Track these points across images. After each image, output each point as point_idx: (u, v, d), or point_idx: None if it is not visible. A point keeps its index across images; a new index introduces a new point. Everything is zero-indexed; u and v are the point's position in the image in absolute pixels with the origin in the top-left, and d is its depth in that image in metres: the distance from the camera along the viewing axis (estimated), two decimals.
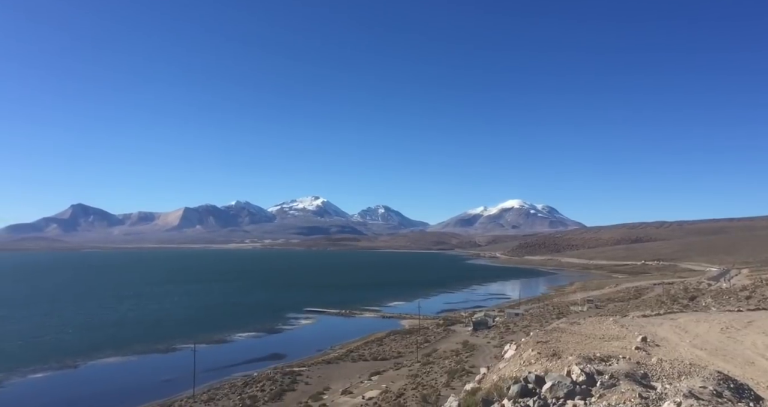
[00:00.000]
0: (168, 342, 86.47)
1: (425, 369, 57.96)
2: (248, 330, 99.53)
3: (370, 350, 78.73)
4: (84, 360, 73.61)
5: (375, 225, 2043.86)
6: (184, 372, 61.67)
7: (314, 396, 50.56)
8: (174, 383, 60.97)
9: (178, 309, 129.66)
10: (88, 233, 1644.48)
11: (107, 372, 69.35)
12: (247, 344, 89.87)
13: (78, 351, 78.07)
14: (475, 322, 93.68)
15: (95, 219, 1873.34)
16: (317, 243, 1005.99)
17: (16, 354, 75.73)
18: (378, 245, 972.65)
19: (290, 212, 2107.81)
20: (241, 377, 63.07)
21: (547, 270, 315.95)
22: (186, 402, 51.69)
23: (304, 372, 62.73)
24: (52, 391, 60.07)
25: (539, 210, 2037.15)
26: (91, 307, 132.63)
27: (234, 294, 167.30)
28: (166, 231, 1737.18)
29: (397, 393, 46.83)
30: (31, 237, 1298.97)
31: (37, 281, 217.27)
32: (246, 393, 53.92)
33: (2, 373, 64.96)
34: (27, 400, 56.25)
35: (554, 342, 22.51)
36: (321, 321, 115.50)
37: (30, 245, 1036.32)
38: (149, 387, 60.70)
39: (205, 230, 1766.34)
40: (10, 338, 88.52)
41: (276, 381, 57.75)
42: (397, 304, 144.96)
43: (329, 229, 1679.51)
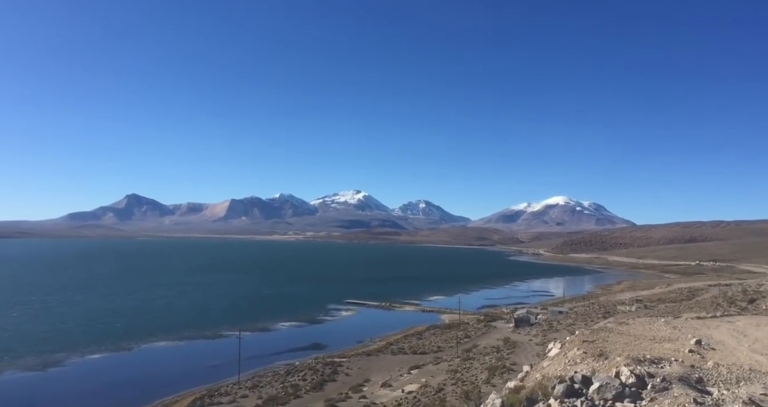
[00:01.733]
0: (214, 329, 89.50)
1: (465, 364, 57.54)
2: (290, 320, 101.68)
3: (410, 343, 78.89)
4: (137, 343, 77.21)
5: (415, 220, 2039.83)
6: (230, 359, 63.82)
7: (354, 388, 51.14)
8: (220, 368, 63.07)
9: (223, 298, 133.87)
10: (141, 222, 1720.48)
11: (158, 355, 72.55)
12: (289, 333, 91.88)
13: (131, 335, 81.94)
14: (516, 319, 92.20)
15: (148, 209, 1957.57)
16: (358, 237, 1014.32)
17: (75, 336, 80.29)
18: (418, 239, 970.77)
19: (332, 206, 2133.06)
20: (284, 365, 64.56)
21: (593, 269, 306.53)
22: (231, 387, 53.39)
23: (345, 363, 63.56)
24: (109, 371, 63.42)
25: (585, 207, 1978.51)
26: (142, 293, 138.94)
27: (277, 285, 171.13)
28: (213, 222, 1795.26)
29: (437, 388, 46.73)
30: (90, 225, 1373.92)
31: (94, 268, 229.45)
32: (288, 381, 55.17)
33: (64, 353, 69.06)
34: (87, 379, 59.61)
35: (601, 342, 21.83)
36: (361, 313, 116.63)
37: (88, 232, 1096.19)
38: (197, 371, 63.03)
39: (250, 221, 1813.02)
40: (70, 320, 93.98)
41: (317, 371, 58.81)
42: (437, 298, 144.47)
43: (370, 223, 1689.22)
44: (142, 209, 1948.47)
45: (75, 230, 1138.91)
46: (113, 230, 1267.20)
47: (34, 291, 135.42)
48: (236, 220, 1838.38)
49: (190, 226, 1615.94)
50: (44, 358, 66.17)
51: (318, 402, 46.66)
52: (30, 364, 63.56)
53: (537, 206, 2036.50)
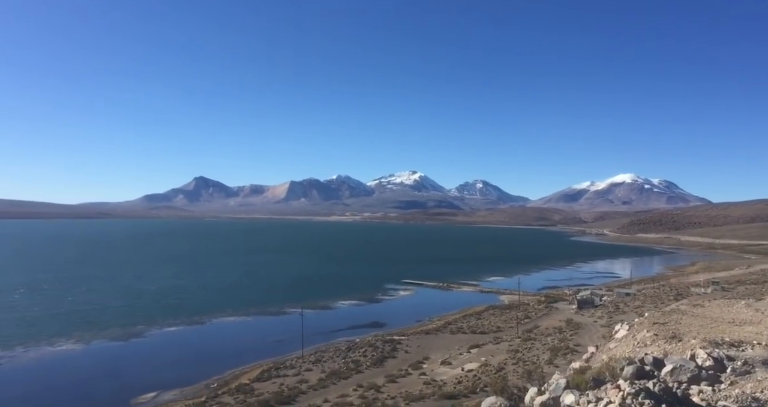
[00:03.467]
0: (278, 306, 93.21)
1: (526, 344, 56.86)
2: (350, 299, 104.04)
3: (468, 323, 78.76)
4: (209, 318, 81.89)
5: (472, 200, 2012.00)
6: (293, 334, 66.26)
7: (414, 365, 51.91)
8: (284, 343, 65.75)
9: (285, 277, 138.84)
10: (208, 204, 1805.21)
11: (228, 329, 76.67)
12: (349, 311, 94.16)
13: (203, 310, 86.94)
14: (580, 300, 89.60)
15: (214, 191, 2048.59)
16: (414, 217, 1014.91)
17: (153, 310, 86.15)
18: (475, 220, 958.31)
19: (388, 187, 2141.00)
20: (345, 342, 66.39)
21: (664, 249, 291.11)
22: (296, 361, 55.67)
23: (404, 341, 64.51)
24: (184, 343, 67.88)
25: (655, 185, 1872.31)
26: (211, 271, 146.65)
27: (335, 265, 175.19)
28: (274, 203, 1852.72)
29: (498, 367, 46.59)
30: (163, 206, 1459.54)
31: (166, 247, 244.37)
32: (349, 357, 56.80)
33: (143, 325, 74.52)
34: (165, 349, 64.17)
35: (673, 324, 20.84)
36: (419, 293, 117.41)
37: (161, 213, 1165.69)
38: (263, 345, 66.07)
39: (309, 202, 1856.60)
40: (147, 296, 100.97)
41: (377, 348, 60.11)
42: (496, 279, 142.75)
43: (426, 203, 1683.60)
44: (209, 191, 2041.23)
45: (150, 211, 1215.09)
46: (183, 211, 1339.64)
47: (113, 269, 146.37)
48: (296, 201, 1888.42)
49: (253, 207, 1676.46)
50: (127, 330, 71.67)
51: (378, 377, 47.79)
52: (115, 335, 69.07)
53: (601, 184, 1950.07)
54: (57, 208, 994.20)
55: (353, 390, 43.94)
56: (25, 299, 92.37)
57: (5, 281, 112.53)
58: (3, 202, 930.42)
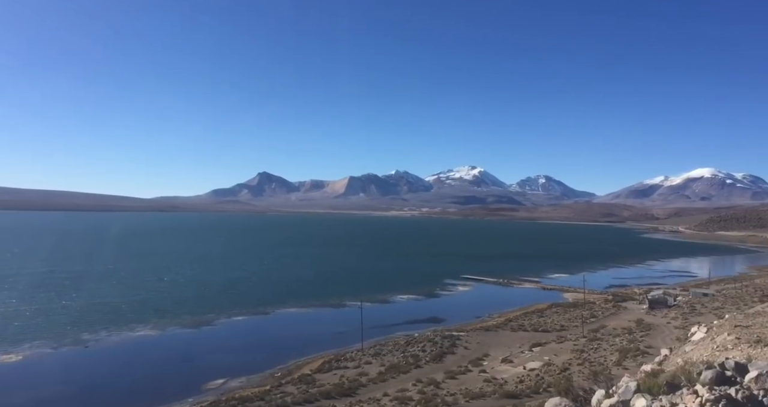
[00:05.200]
0: (338, 299, 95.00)
1: (592, 345, 54.69)
2: (408, 293, 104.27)
3: (530, 321, 76.79)
4: (272, 309, 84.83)
5: (534, 195, 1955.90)
6: (353, 327, 67.13)
7: (474, 362, 51.30)
8: (344, 336, 66.87)
9: (344, 270, 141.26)
10: (271, 198, 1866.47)
11: (290, 320, 79.11)
12: (407, 305, 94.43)
13: (266, 301, 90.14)
14: (651, 300, 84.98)
15: (277, 186, 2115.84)
16: (474, 213, 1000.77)
17: (220, 300, 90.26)
18: (537, 215, 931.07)
19: (447, 182, 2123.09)
20: (403, 336, 66.64)
21: (747, 248, 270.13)
22: (356, 354, 56.57)
23: (463, 337, 63.89)
24: (250, 332, 70.80)
25: (738, 180, 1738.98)
26: (272, 263, 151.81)
27: (394, 259, 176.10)
28: (334, 198, 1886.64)
29: (562, 367, 45.14)
30: (229, 200, 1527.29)
31: (232, 240, 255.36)
32: (408, 351, 56.99)
33: (212, 314, 78.32)
34: (233, 337, 67.21)
35: (758, 328, 19.28)
36: (478, 289, 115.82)
37: (228, 207, 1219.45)
38: (324, 337, 67.58)
39: (368, 197, 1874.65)
40: (213, 286, 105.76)
41: (436, 343, 59.91)
42: (559, 276, 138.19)
43: (486, 199, 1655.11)
44: (272, 185, 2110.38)
45: (217, 205, 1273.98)
46: (248, 205, 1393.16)
47: (183, 259, 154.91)
48: (355, 196, 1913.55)
49: (313, 202, 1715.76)
50: (197, 318, 75.63)
51: (438, 373, 47.63)
52: (186, 322, 73.11)
53: (676, 179, 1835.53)
54: (134, 201, 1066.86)
55: (412, 384, 44.06)
56: (105, 287, 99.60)
57: (87, 270, 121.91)
58: (88, 196, 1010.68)
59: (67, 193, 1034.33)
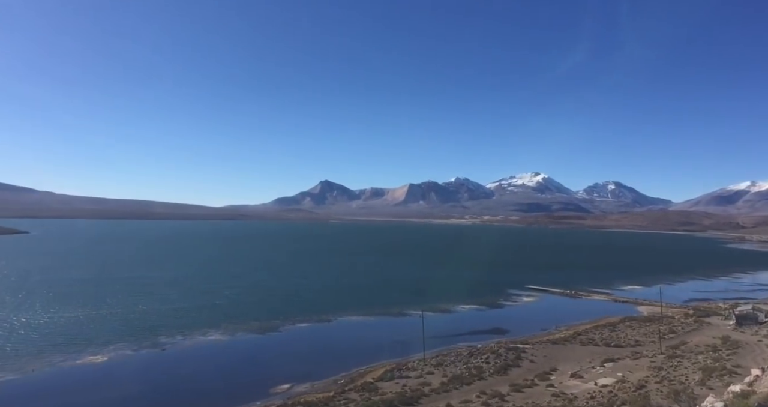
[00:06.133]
0: (399, 307, 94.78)
1: (672, 362, 51.04)
2: (470, 303, 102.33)
3: (601, 335, 72.97)
4: (334, 316, 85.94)
5: (603, 203, 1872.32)
6: (414, 336, 66.54)
7: (540, 376, 49.33)
8: (406, 345, 66.36)
9: (404, 278, 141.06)
10: (333, 206, 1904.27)
11: (352, 328, 79.77)
12: (469, 316, 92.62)
13: (328, 308, 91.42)
14: (738, 315, 78.35)
15: (338, 194, 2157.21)
16: (537, 220, 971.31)
17: (283, 307, 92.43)
18: (606, 224, 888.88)
19: (509, 189, 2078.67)
20: (466, 347, 65.29)
21: None
22: (418, 363, 56.02)
23: (528, 350, 61.68)
24: (314, 339, 72.04)
25: None
26: (334, 271, 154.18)
27: (454, 268, 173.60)
28: (393, 206, 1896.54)
29: (637, 385, 42.39)
30: (292, 209, 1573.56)
31: (293, 247, 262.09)
32: (472, 363, 55.71)
33: (277, 321, 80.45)
34: (297, 343, 68.76)
35: None
36: (544, 300, 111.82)
37: (291, 215, 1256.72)
38: (385, 345, 67.39)
39: (427, 205, 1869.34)
40: (277, 293, 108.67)
41: (500, 356, 58.21)
42: (632, 288, 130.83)
43: (550, 206, 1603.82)
44: (333, 194, 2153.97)
45: (281, 213, 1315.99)
46: (310, 213, 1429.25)
47: (249, 267, 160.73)
48: (414, 204, 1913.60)
49: (373, 210, 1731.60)
50: (263, 324, 77.91)
51: (502, 385, 46.18)
52: (253, 328, 75.49)
53: (765, 184, 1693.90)
54: (205, 209, 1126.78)
55: (476, 396, 42.98)
56: (178, 292, 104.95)
57: (160, 277, 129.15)
58: (166, 205, 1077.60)
59: (147, 202, 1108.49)
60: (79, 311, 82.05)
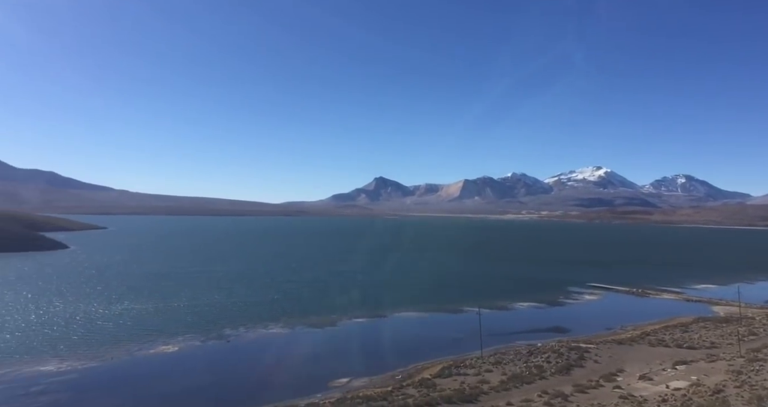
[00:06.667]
0: (454, 304, 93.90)
1: (753, 366, 47.52)
2: (528, 300, 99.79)
3: (672, 335, 69.05)
4: (390, 312, 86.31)
5: (672, 197, 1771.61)
6: (470, 333, 65.70)
7: (606, 377, 47.35)
8: (462, 342, 65.67)
9: (459, 274, 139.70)
10: (387, 202, 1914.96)
11: (408, 324, 79.76)
12: (528, 313, 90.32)
13: (384, 304, 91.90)
14: None
15: (392, 190, 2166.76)
16: (600, 216, 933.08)
17: (339, 302, 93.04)
18: (677, 219, 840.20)
19: (568, 184, 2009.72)
20: (525, 345, 63.73)
21: None
22: (475, 361, 55.24)
23: (592, 350, 59.36)
24: (369, 334, 72.86)
25: None
26: (388, 267, 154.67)
27: (511, 264, 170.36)
28: (448, 201, 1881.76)
29: (714, 389, 39.78)
30: (348, 205, 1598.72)
31: (349, 243, 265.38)
32: (531, 361, 54.30)
33: (334, 316, 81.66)
34: (353, 339, 69.53)
35: None
36: (608, 298, 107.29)
37: (346, 211, 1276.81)
38: (441, 342, 67.02)
39: (483, 200, 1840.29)
40: (333, 288, 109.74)
41: (562, 355, 56.39)
42: (706, 287, 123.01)
43: (613, 201, 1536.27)
44: (388, 190, 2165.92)
45: (337, 210, 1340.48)
46: (365, 209, 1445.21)
47: (305, 261, 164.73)
48: (469, 200, 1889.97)
49: (428, 206, 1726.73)
50: (321, 318, 79.38)
51: (565, 385, 44.70)
52: (311, 322, 77.15)
53: None
54: (265, 206, 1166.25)
55: (537, 395, 41.88)
56: (241, 286, 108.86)
57: (222, 271, 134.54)
58: (231, 202, 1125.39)
59: (213, 200, 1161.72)
60: (151, 303, 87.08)
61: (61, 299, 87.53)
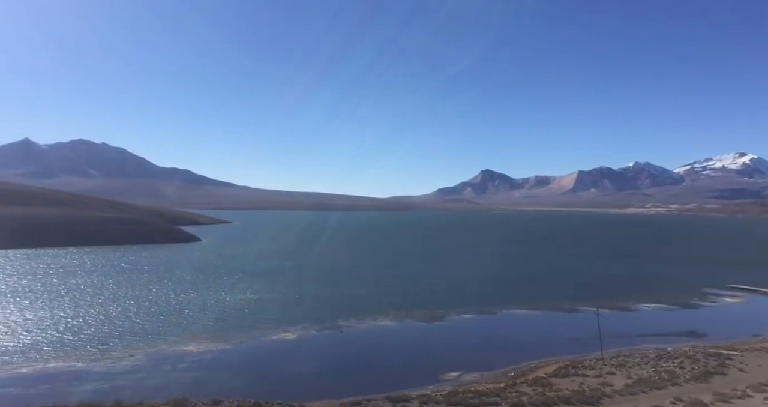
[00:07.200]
0: (569, 303, 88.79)
1: None
2: (654, 301, 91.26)
3: None
4: (499, 309, 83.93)
5: None
6: (587, 334, 62.16)
7: (755, 387, 41.75)
8: (579, 342, 62.18)
9: (575, 272, 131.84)
10: (494, 196, 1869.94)
11: (518, 322, 77.06)
12: (654, 315, 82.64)
13: (493, 300, 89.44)
14: None
15: (500, 183, 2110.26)
16: (744, 209, 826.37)
17: (446, 297, 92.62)
18: None
19: (703, 173, 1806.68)
20: (653, 349, 58.54)
21: None
22: (595, 363, 51.83)
23: (735, 357, 52.75)
24: (479, 331, 71.41)
25: None
26: (497, 262, 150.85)
27: (634, 261, 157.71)
28: (560, 195, 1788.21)
29: None
30: (453, 199, 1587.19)
31: (455, 237, 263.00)
32: (661, 366, 49.63)
33: (442, 310, 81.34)
34: (462, 334, 68.80)
35: None
36: (753, 302, 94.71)
37: (451, 205, 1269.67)
38: (556, 341, 63.98)
39: (600, 193, 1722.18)
40: (439, 283, 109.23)
41: (698, 361, 50.79)
42: None
43: (762, 192, 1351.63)
44: (495, 183, 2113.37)
45: (442, 204, 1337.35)
46: (471, 203, 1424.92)
47: (411, 256, 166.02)
48: (585, 192, 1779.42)
49: (538, 199, 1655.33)
50: (428, 313, 79.10)
51: (704, 393, 40.20)
52: (419, 316, 77.18)
53: None
54: (372, 201, 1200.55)
55: (670, 402, 38.16)
56: (347, 279, 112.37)
57: (333, 264, 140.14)
58: (342, 197, 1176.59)
59: (326, 195, 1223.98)
60: (269, 293, 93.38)
61: (194, 288, 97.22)
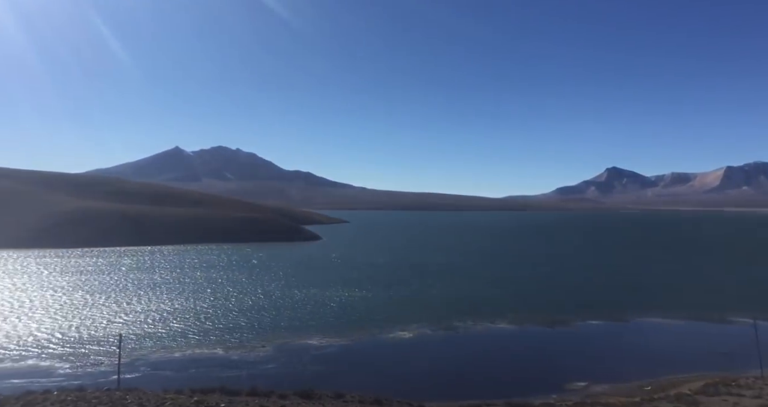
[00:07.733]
0: (716, 312, 78.68)
1: None
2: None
3: None
4: (630, 316, 76.95)
5: None
6: (741, 348, 55.23)
7: None
8: (732, 357, 54.87)
9: (724, 278, 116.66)
10: (622, 195, 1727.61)
11: (655, 331, 69.84)
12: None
13: (622, 307, 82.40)
14: None
15: (628, 181, 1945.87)
16: None
17: (569, 302, 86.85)
18: None
19: None
20: None
21: None
22: (754, 381, 45.02)
23: None
24: (607, 338, 66.40)
25: None
26: (625, 266, 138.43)
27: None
28: (704, 193, 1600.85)
29: None
30: (574, 198, 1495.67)
31: (577, 239, 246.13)
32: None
33: (565, 315, 76.40)
34: (590, 342, 64.16)
35: None
36: None
37: (572, 205, 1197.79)
38: (701, 354, 57.24)
39: (754, 191, 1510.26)
40: (558, 288, 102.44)
41: None
42: None
43: None
44: (623, 181, 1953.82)
45: (562, 203, 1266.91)
46: (595, 203, 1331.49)
47: (529, 257, 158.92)
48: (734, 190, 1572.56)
49: (676, 198, 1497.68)
50: (549, 317, 74.64)
51: None
52: (539, 321, 73.15)
53: None
54: (485, 201, 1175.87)
55: None
56: (461, 281, 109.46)
57: (446, 264, 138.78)
58: (453, 197, 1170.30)
59: (436, 195, 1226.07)
60: (386, 292, 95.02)
61: (315, 284, 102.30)
